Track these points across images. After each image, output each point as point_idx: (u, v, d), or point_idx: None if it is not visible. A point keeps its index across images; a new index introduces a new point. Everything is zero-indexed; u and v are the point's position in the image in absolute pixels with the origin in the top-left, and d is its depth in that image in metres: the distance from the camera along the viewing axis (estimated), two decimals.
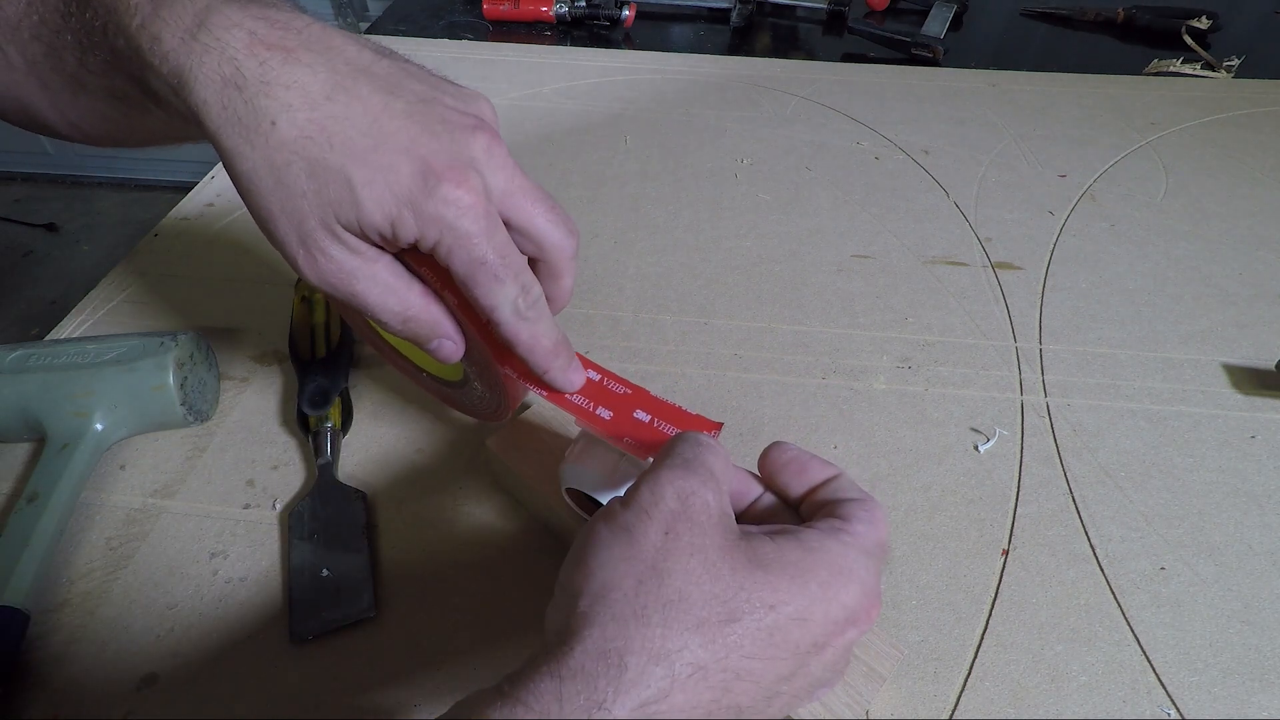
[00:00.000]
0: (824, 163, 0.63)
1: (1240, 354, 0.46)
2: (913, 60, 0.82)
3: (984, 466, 0.39)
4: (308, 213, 0.24)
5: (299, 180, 0.24)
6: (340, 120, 0.24)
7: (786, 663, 0.22)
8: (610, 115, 0.69)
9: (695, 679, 0.20)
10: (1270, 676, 0.31)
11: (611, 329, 0.47)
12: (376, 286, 0.26)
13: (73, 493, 0.35)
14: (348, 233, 0.25)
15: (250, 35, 0.23)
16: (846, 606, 0.23)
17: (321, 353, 0.42)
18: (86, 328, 0.46)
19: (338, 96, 0.24)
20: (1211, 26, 0.85)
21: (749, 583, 0.22)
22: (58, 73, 0.28)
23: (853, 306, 0.49)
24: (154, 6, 0.24)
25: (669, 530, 0.22)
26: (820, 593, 0.22)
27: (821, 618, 0.22)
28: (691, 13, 0.92)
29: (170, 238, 0.53)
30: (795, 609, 0.22)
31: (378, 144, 0.24)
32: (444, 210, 0.24)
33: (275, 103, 0.23)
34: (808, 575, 0.22)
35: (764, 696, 0.22)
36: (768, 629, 0.21)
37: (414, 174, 0.24)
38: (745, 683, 0.21)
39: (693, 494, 0.23)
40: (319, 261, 0.25)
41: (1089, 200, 0.59)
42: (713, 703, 0.20)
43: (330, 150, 0.24)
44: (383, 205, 0.24)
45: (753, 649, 0.21)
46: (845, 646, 0.23)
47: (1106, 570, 0.35)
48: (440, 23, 0.88)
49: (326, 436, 0.38)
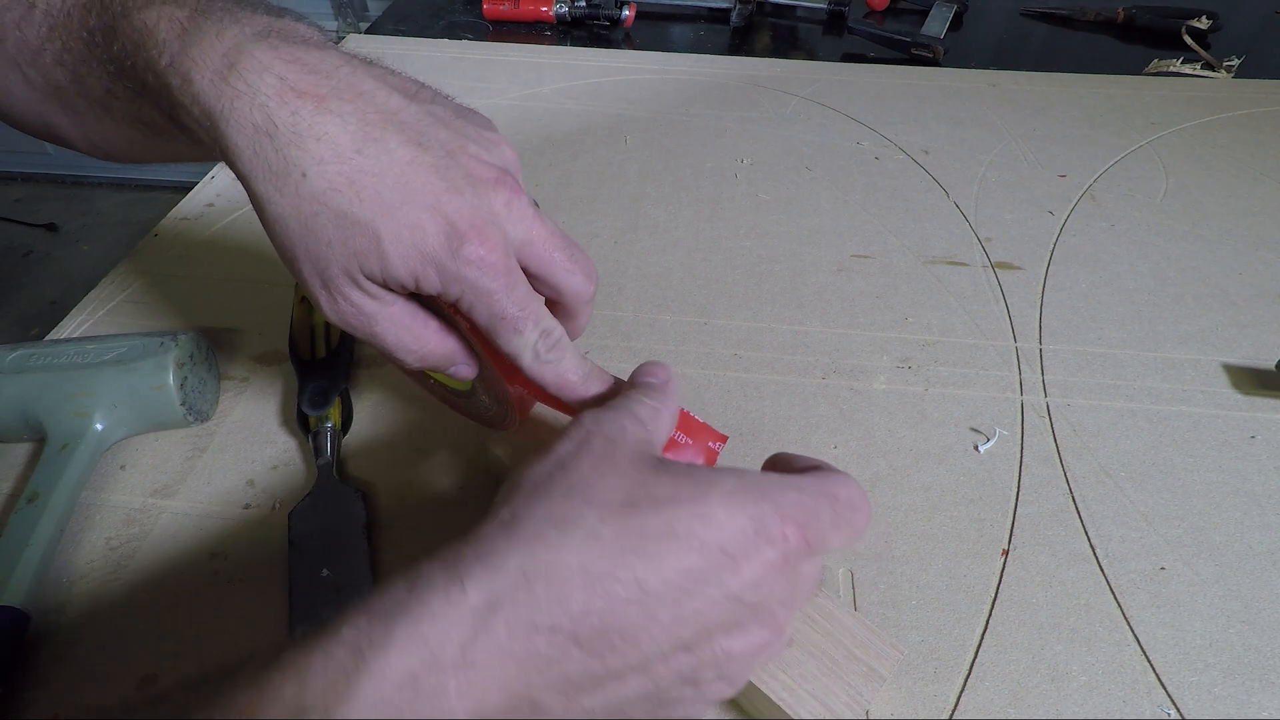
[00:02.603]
0: (824, 163, 0.63)
1: (1240, 354, 0.46)
2: (913, 60, 0.82)
3: (984, 466, 0.39)
4: (332, 260, 0.25)
5: (326, 230, 0.24)
6: (369, 174, 0.24)
7: (692, 556, 0.21)
8: (610, 115, 0.69)
9: (589, 543, 0.20)
10: (1270, 676, 0.31)
11: (611, 329, 0.47)
12: (394, 328, 0.27)
13: (73, 493, 0.35)
14: (370, 281, 0.26)
15: (280, 81, 0.24)
16: (757, 519, 0.22)
17: (321, 353, 0.42)
18: (86, 328, 0.46)
19: (367, 149, 0.24)
20: (1211, 26, 0.85)
21: (652, 480, 0.22)
22: (82, 97, 0.29)
23: (853, 306, 0.49)
24: (182, 45, 0.24)
25: (582, 442, 0.24)
26: (723, 500, 0.22)
27: (725, 520, 0.21)
28: (691, 13, 0.92)
29: (170, 238, 0.53)
30: (698, 507, 0.21)
31: (405, 200, 0.24)
32: (466, 270, 0.25)
33: (306, 154, 0.24)
34: (714, 484, 0.22)
35: (671, 592, 0.20)
36: (667, 518, 0.21)
37: (439, 232, 0.25)
38: (645, 563, 0.20)
39: (609, 420, 0.24)
40: (339, 304, 0.26)
41: (1089, 200, 0.59)
42: (607, 574, 0.20)
43: (359, 204, 0.24)
44: (408, 262, 0.25)
45: (653, 534, 0.21)
46: (770, 568, 0.22)
47: (1106, 570, 0.35)
48: (440, 23, 0.88)
49: (326, 436, 0.38)
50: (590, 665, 0.20)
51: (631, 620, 0.20)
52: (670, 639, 0.21)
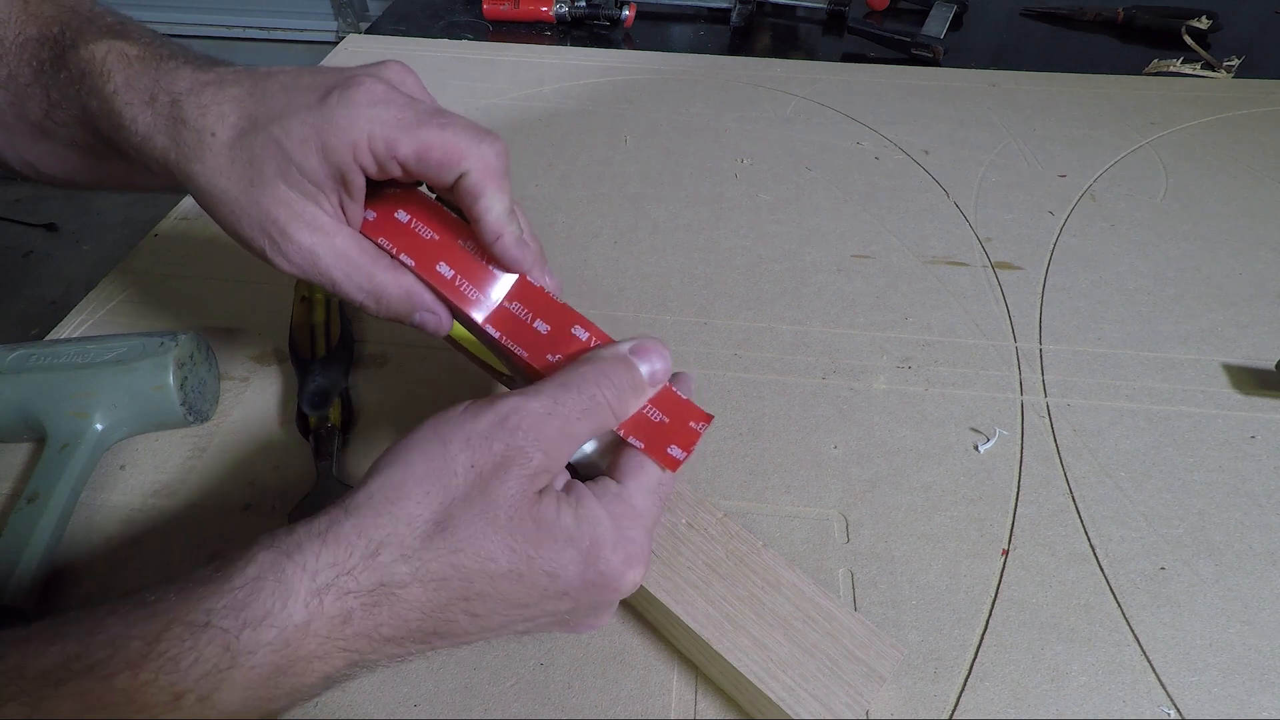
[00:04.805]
0: (824, 163, 0.63)
1: (1240, 354, 0.46)
2: (913, 60, 0.82)
3: (984, 466, 0.39)
4: (258, 196, 0.27)
5: (242, 169, 0.27)
6: (259, 103, 0.27)
7: (531, 594, 0.25)
8: (610, 115, 0.69)
9: (434, 588, 0.23)
10: (1270, 676, 0.31)
11: (611, 329, 0.47)
12: (340, 262, 0.28)
13: (73, 493, 0.35)
14: (300, 183, 0.27)
15: (191, 79, 0.28)
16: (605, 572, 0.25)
17: (321, 353, 0.42)
18: (86, 328, 0.46)
19: (256, 89, 0.28)
20: (1211, 26, 0.85)
21: (518, 535, 0.24)
22: (21, 120, 0.31)
23: (853, 306, 0.49)
24: (125, 77, 0.28)
25: (476, 468, 0.24)
26: (576, 560, 0.25)
27: (573, 579, 0.25)
28: (691, 13, 0.92)
29: (170, 238, 0.53)
30: (546, 564, 0.24)
31: (288, 104, 0.27)
32: (340, 113, 0.27)
33: (211, 117, 0.27)
34: (572, 542, 0.25)
35: (502, 617, 0.25)
36: (517, 572, 0.24)
37: (319, 98, 0.27)
38: (483, 602, 0.24)
39: (520, 451, 0.25)
40: (283, 247, 0.28)
41: (1089, 200, 0.59)
42: (448, 604, 0.24)
43: (255, 131, 0.27)
44: (304, 140, 0.27)
45: (496, 583, 0.24)
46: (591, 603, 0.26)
47: (1106, 570, 0.35)
48: (440, 23, 0.88)
49: (326, 436, 0.38)
50: (423, 648, 0.25)
51: (462, 628, 0.25)
52: (500, 633, 0.26)
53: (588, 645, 0.32)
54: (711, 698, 0.30)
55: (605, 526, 0.25)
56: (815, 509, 0.37)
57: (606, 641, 0.32)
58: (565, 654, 0.32)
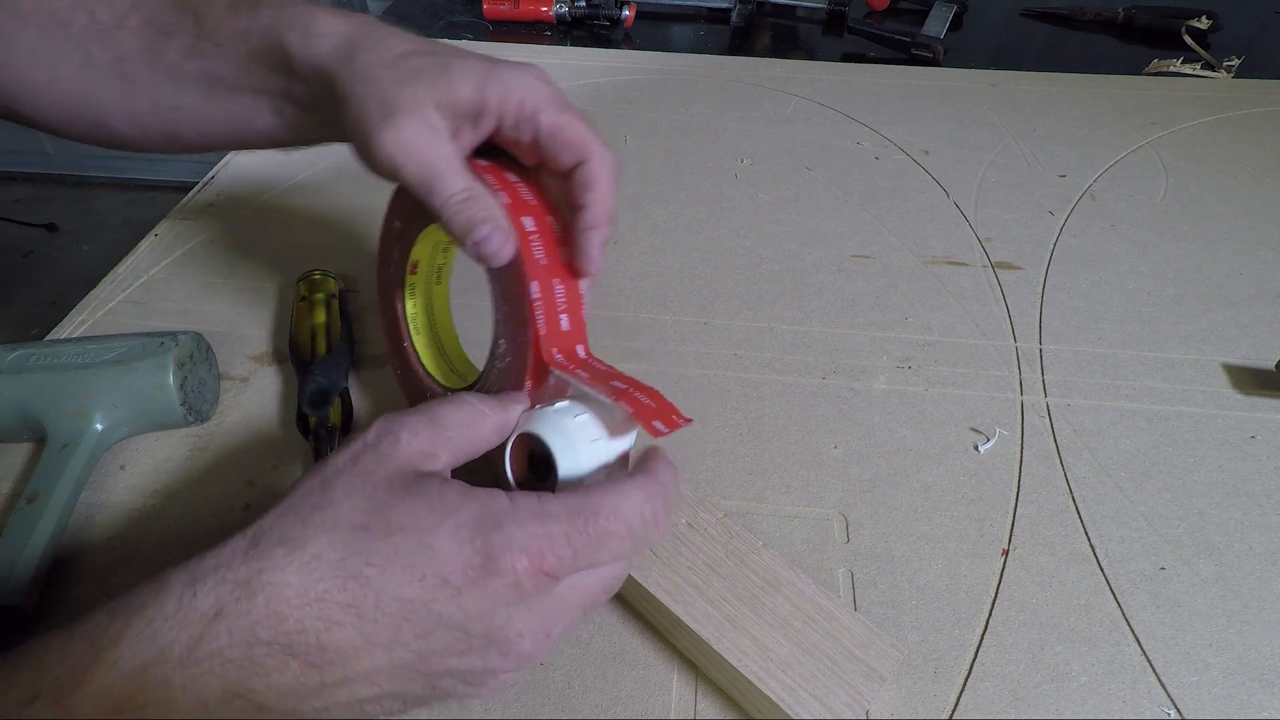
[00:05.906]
0: (824, 163, 0.63)
1: (1240, 354, 0.46)
2: (913, 60, 0.82)
3: (984, 466, 0.39)
4: (401, 91, 0.29)
5: (400, 73, 0.29)
6: (431, 43, 0.31)
7: (411, 586, 0.22)
8: (610, 115, 0.69)
9: (311, 565, 0.22)
10: (1270, 676, 0.31)
11: (611, 329, 0.47)
12: (439, 160, 0.29)
13: (73, 493, 0.35)
14: (445, 105, 0.29)
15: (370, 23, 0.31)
16: (484, 551, 0.22)
17: (321, 353, 0.42)
18: (86, 328, 0.46)
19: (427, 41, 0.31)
20: (1211, 26, 0.85)
21: (394, 504, 0.23)
22: (149, 65, 0.33)
23: (853, 306, 0.49)
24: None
25: (357, 454, 0.25)
26: (452, 531, 0.22)
27: (449, 551, 0.22)
28: (691, 13, 0.92)
29: (170, 238, 0.53)
30: (425, 537, 0.22)
31: (461, 53, 0.31)
32: (507, 72, 0.30)
33: (386, 40, 0.30)
34: (451, 513, 0.23)
35: (387, 618, 0.22)
36: (394, 545, 0.22)
37: (490, 60, 0.30)
38: (363, 588, 0.22)
39: (389, 432, 0.25)
40: (403, 130, 0.28)
41: (1089, 200, 0.59)
42: (324, 597, 0.21)
43: (426, 55, 0.30)
44: (468, 73, 0.29)
45: (377, 560, 0.22)
46: (498, 599, 0.22)
47: (1106, 570, 0.35)
48: (440, 23, 0.88)
49: (326, 437, 0.38)
50: (306, 678, 0.21)
51: (348, 640, 0.21)
52: (389, 659, 0.22)
53: (588, 645, 0.32)
54: (711, 698, 0.30)
55: (503, 504, 0.23)
56: (815, 509, 0.37)
57: (606, 641, 0.32)
58: (565, 654, 0.32)
